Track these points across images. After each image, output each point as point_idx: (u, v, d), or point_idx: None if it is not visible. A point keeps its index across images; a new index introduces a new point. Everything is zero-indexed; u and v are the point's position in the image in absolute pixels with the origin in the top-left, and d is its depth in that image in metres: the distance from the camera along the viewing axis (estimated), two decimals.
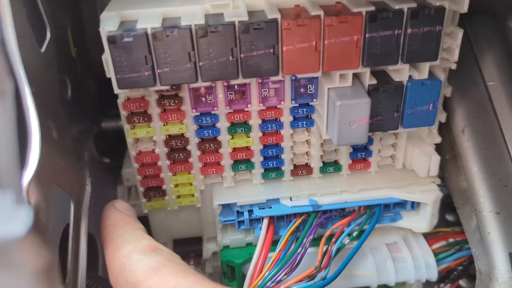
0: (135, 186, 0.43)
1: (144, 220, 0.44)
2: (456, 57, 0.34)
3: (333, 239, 0.37)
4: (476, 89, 0.39)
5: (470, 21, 0.40)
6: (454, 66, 0.35)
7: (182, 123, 0.36)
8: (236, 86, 0.34)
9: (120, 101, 0.35)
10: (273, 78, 0.34)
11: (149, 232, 0.43)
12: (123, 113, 0.35)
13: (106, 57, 0.31)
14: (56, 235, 0.26)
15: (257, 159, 0.38)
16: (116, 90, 0.32)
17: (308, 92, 0.35)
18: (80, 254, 0.31)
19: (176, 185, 0.39)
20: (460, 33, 0.33)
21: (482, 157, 0.37)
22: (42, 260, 0.16)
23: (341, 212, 0.40)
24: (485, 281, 0.34)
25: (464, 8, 0.32)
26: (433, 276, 0.40)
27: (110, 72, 0.32)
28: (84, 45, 0.41)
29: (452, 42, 0.34)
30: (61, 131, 0.31)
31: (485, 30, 0.40)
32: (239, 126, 0.37)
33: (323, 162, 0.39)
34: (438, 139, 0.38)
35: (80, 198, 0.32)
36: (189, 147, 0.37)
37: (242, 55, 0.31)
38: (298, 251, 0.35)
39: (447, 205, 0.42)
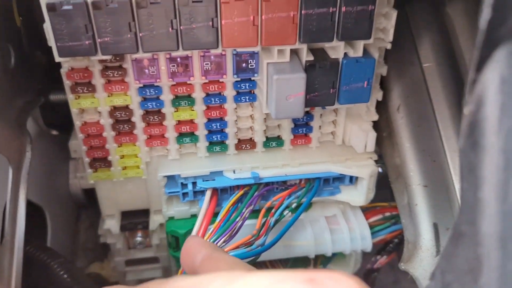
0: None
1: (91, 193, 0.45)
2: (390, 37, 0.36)
3: (273, 210, 0.39)
4: (413, 70, 0.41)
5: (410, 5, 0.42)
6: (389, 46, 0.37)
7: (126, 95, 0.37)
8: (179, 59, 0.35)
9: (63, 70, 0.35)
10: (214, 51, 0.35)
11: (97, 204, 0.44)
12: (67, 82, 0.36)
13: (47, 26, 0.32)
14: None
15: (201, 132, 0.39)
16: (57, 59, 0.33)
17: (250, 67, 0.36)
18: (18, 219, 0.32)
19: (122, 157, 0.40)
20: (394, 14, 0.35)
21: (414, 134, 0.39)
22: None
23: (283, 185, 0.41)
24: (411, 249, 0.36)
25: None
26: (368, 247, 0.42)
27: (50, 40, 0.32)
28: (32, 17, 0.41)
29: (387, 22, 0.36)
30: (1, 98, 0.31)
31: (424, 14, 0.42)
32: (183, 99, 0.37)
33: (266, 137, 0.41)
34: (375, 117, 0.40)
35: (19, 163, 0.32)
36: (133, 119, 0.38)
37: (181, 27, 0.32)
38: (237, 220, 0.37)
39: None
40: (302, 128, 0.40)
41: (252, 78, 0.37)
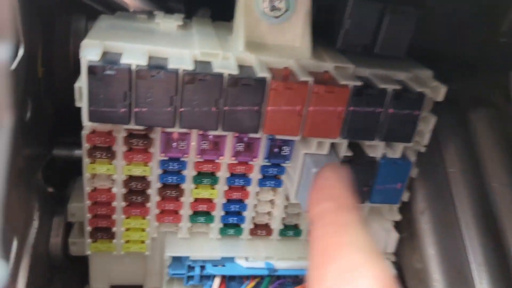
0: (80, 222, 0.40)
1: (83, 260, 0.41)
2: (426, 141, 0.36)
3: None
4: (437, 174, 0.40)
5: (434, 109, 0.42)
6: (423, 149, 0.36)
7: (146, 165, 0.34)
8: (211, 136, 0.33)
9: (84, 132, 0.32)
10: (251, 135, 0.33)
11: (87, 274, 0.40)
12: (86, 146, 0.33)
13: (81, 86, 0.29)
14: None
15: (218, 213, 0.37)
16: (86, 122, 0.30)
17: (282, 153, 0.34)
18: None
19: (127, 229, 0.36)
20: (433, 119, 0.35)
21: (439, 240, 0.38)
22: None
23: (295, 279, 0.39)
24: None
25: (440, 97, 0.34)
26: None
27: (82, 102, 0.30)
28: (50, 67, 0.39)
29: (425, 126, 0.35)
30: (15, 157, 0.28)
31: (448, 120, 0.42)
32: (206, 177, 0.35)
33: (284, 224, 0.38)
34: (398, 217, 0.39)
35: (24, 234, 0.29)
36: (149, 191, 0.35)
37: (226, 108, 0.30)
38: None
39: None
40: None
41: (282, 164, 0.35)
